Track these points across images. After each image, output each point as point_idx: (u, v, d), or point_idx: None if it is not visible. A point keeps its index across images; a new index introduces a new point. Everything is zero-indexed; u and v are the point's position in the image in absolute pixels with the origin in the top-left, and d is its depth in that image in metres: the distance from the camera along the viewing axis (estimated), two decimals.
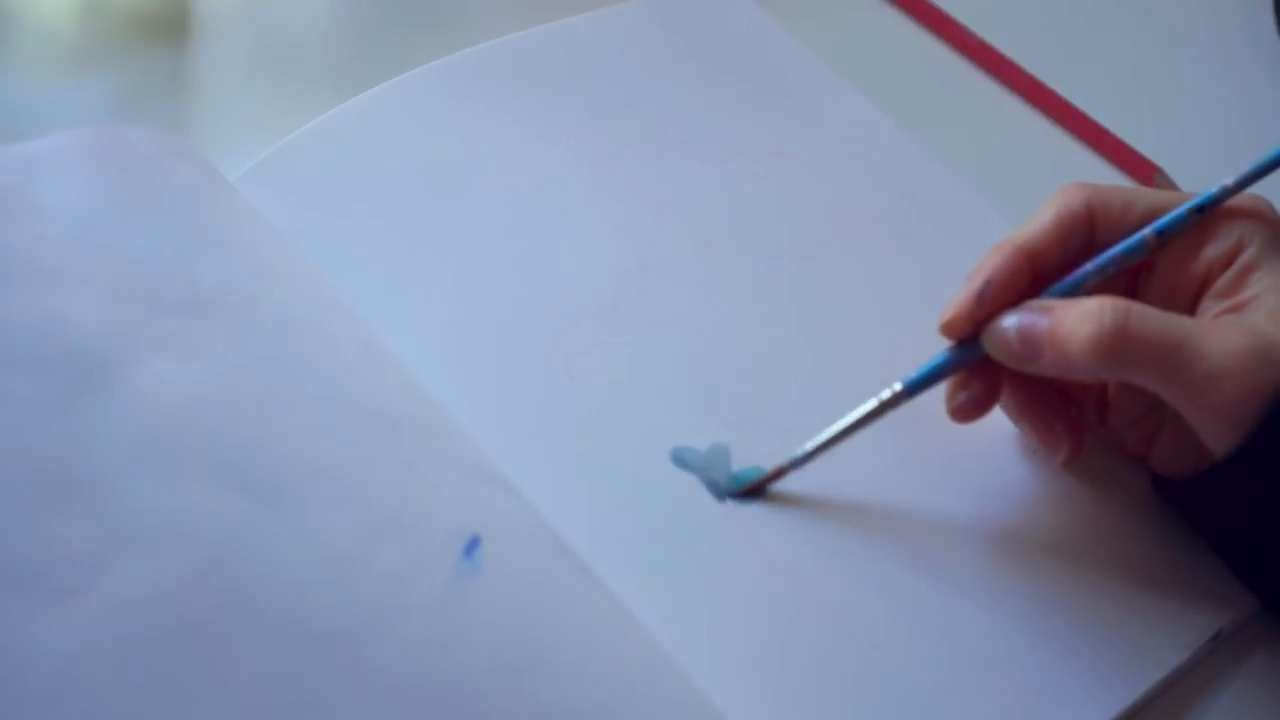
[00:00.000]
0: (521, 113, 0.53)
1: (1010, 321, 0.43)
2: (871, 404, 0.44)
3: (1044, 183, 0.56)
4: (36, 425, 0.39)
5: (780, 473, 0.44)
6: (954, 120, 0.58)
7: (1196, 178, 0.56)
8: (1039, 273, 0.44)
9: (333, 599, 0.38)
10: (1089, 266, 0.44)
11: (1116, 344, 0.41)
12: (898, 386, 0.44)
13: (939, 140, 0.56)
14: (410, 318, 0.47)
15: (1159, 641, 0.43)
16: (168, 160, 0.46)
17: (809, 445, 0.44)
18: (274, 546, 0.38)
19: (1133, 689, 0.42)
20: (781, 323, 0.49)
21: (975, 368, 0.44)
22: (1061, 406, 0.45)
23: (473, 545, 0.40)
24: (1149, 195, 0.45)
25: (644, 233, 0.50)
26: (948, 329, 0.44)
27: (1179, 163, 0.56)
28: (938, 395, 0.45)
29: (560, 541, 0.42)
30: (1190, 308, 0.44)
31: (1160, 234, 0.44)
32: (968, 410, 0.45)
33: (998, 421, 0.46)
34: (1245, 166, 0.45)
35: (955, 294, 0.44)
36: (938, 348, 0.44)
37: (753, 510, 0.44)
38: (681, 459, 0.45)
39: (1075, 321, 0.42)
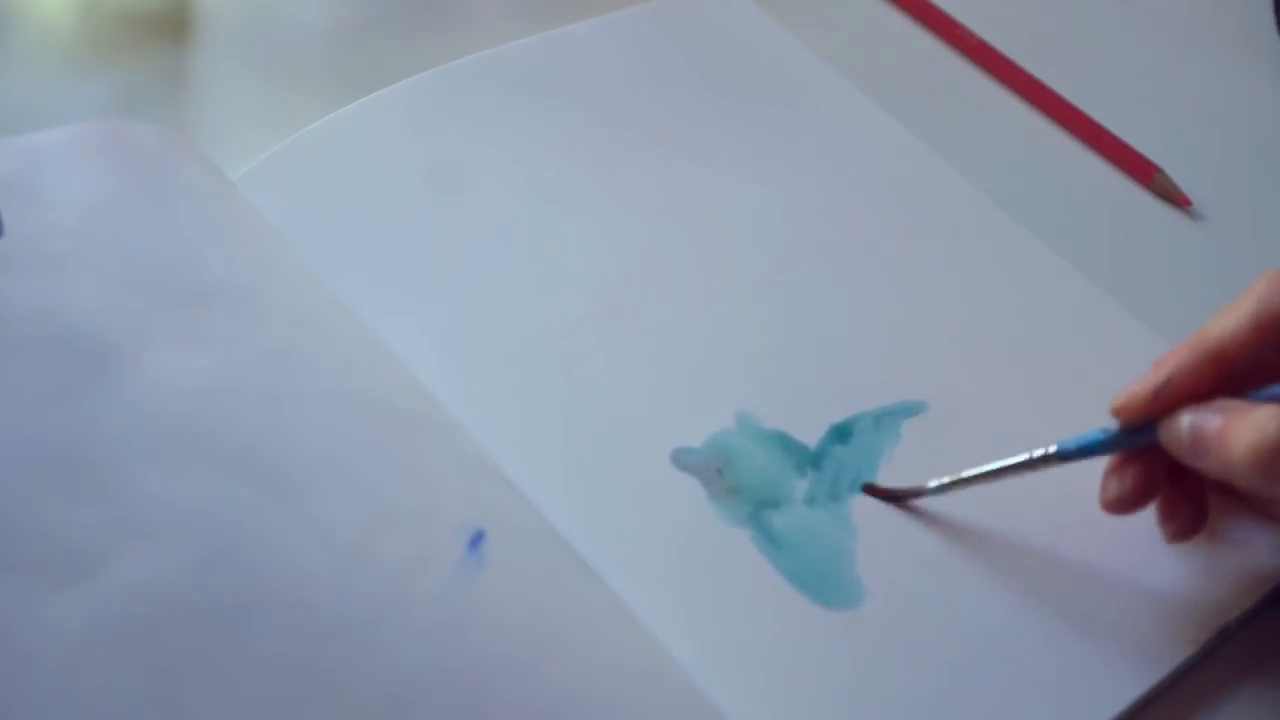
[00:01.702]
0: (522, 118, 0.53)
1: (1187, 417, 0.41)
2: (1021, 458, 0.43)
3: (1044, 182, 0.56)
4: (44, 412, 0.39)
5: (918, 494, 0.44)
6: (953, 120, 0.58)
7: (1197, 178, 0.56)
8: (1229, 369, 0.42)
9: (338, 588, 0.38)
10: (1267, 392, 0.41)
11: (1277, 460, 0.39)
12: (1052, 449, 0.43)
13: (939, 140, 0.56)
14: (410, 320, 0.47)
15: (1164, 637, 0.43)
16: (170, 155, 0.46)
17: (947, 479, 0.44)
18: (280, 535, 0.38)
19: (1137, 685, 0.42)
20: (782, 324, 0.49)
21: (1133, 457, 0.43)
22: (1195, 488, 0.44)
23: (478, 539, 0.40)
24: None
25: (644, 236, 0.50)
26: (1120, 414, 0.42)
27: (1179, 163, 0.57)
28: None
29: (562, 539, 0.42)
30: None
31: None
32: (1120, 504, 0.43)
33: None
34: None
35: (1135, 381, 0.42)
36: (945, 348, 0.44)
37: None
38: (681, 460, 0.45)
39: (1242, 429, 0.40)
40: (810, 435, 0.46)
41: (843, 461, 0.45)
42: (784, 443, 0.45)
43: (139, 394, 0.40)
